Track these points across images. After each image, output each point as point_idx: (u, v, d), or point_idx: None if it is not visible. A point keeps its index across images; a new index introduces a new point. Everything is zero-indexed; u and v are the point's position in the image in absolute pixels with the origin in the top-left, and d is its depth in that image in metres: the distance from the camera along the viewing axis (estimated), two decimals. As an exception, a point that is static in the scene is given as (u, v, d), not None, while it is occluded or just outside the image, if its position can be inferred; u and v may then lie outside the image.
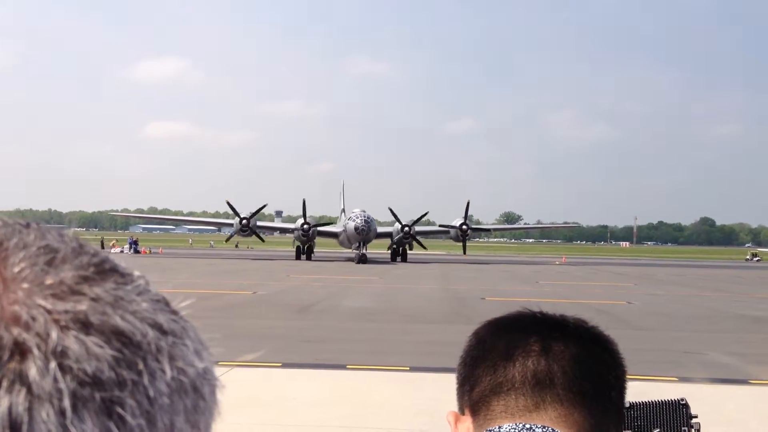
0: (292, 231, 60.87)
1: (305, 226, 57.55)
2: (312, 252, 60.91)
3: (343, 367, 11.87)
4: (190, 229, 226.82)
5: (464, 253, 64.44)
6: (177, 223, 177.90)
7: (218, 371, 0.55)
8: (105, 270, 0.51)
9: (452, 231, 60.84)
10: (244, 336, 14.74)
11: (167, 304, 0.54)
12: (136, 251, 67.98)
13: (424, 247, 63.46)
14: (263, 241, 63.44)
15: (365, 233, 57.20)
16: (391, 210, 58.29)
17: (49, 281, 0.48)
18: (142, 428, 0.46)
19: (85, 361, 0.45)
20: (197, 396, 0.51)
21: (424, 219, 63.50)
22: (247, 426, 8.17)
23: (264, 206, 58.12)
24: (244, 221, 56.78)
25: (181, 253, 72.16)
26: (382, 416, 8.78)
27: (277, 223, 73.96)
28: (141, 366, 0.48)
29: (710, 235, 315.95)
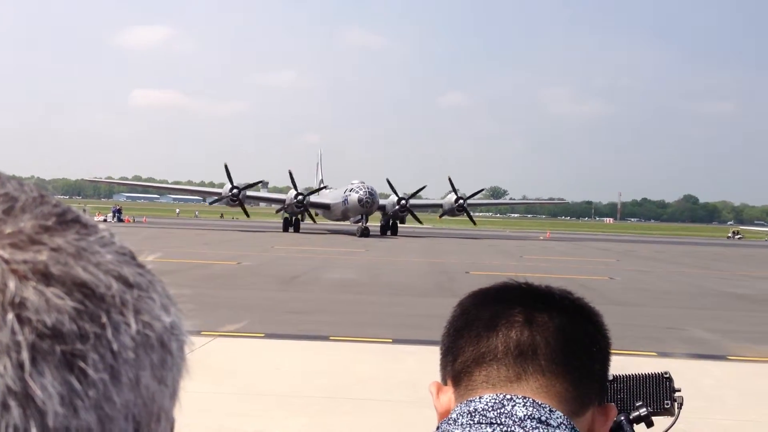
0: (283, 201, 58.71)
1: (299, 197, 55.52)
2: (299, 224, 59.42)
3: (326, 338, 11.90)
4: (174, 199, 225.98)
5: (474, 223, 62.67)
6: (161, 191, 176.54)
7: (201, 341, 0.54)
8: (67, 220, 0.49)
9: (447, 205, 59.49)
10: (227, 306, 14.74)
11: (133, 257, 0.52)
12: (120, 220, 67.75)
13: (420, 221, 61.32)
14: (248, 216, 60.64)
15: (369, 205, 54.91)
16: (388, 181, 56.03)
17: (7, 230, 0.46)
18: (105, 383, 0.45)
19: (44, 313, 0.43)
20: (164, 351, 0.50)
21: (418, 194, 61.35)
22: (229, 395, 8.20)
23: (258, 182, 55.26)
24: (234, 190, 54.39)
25: (165, 222, 71.89)
26: (365, 387, 8.82)
27: (269, 194, 71.22)
28: (104, 319, 0.46)
29: (693, 212, 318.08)
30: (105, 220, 63.77)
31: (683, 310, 17.30)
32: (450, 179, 58.63)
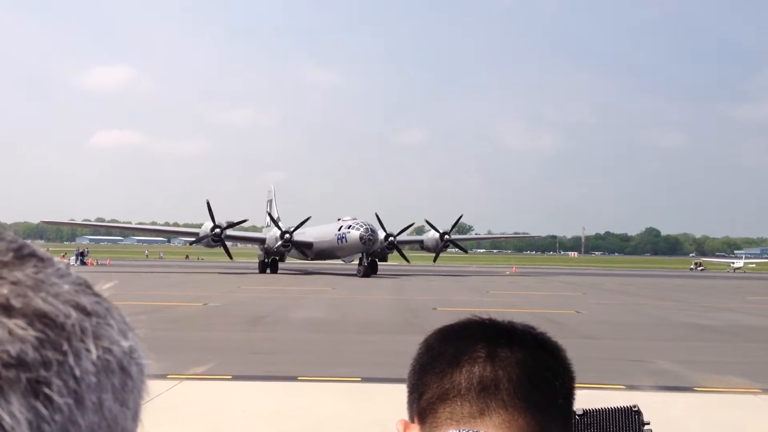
0: (261, 240, 55.33)
1: (286, 236, 51.70)
2: (277, 264, 55.58)
3: (294, 378, 11.79)
4: (138, 240, 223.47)
5: (434, 261, 62.63)
6: (125, 233, 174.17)
7: (167, 384, 0.56)
8: (24, 255, 0.52)
9: (429, 241, 57.56)
10: (193, 348, 14.55)
11: (89, 286, 0.55)
12: (83, 263, 66.76)
13: (407, 260, 58.94)
14: (231, 258, 56.08)
15: (371, 243, 50.30)
16: (377, 216, 52.60)
17: None
18: (70, 407, 0.47)
19: (8, 343, 0.46)
20: (125, 375, 0.53)
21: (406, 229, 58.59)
22: (196, 439, 8.05)
23: (244, 220, 51.78)
24: (217, 230, 49.87)
25: (130, 264, 70.97)
26: (334, 428, 8.73)
27: (246, 233, 65.18)
28: (66, 346, 0.49)
29: (656, 245, 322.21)
30: (68, 264, 62.72)
31: (649, 342, 17.45)
32: (461, 216, 58.02)
